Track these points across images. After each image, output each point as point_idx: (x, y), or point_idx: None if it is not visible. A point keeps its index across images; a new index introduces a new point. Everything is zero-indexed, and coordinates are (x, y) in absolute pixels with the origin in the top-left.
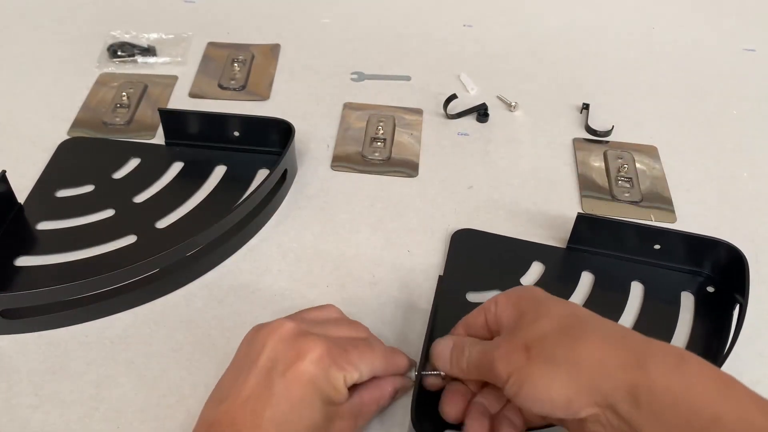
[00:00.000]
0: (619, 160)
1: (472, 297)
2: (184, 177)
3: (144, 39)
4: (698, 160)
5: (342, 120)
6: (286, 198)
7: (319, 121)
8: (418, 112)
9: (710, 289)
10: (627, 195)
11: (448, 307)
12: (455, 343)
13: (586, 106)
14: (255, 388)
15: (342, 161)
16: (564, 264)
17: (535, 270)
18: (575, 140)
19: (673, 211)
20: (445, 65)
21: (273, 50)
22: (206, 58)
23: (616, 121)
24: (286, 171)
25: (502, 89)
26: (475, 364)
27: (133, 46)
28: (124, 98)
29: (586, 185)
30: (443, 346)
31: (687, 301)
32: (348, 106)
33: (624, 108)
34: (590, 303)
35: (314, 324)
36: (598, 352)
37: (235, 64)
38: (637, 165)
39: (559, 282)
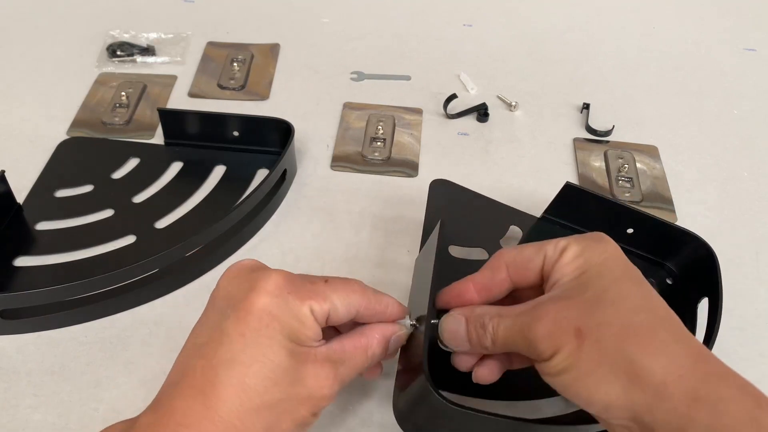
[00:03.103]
0: (620, 160)
1: (455, 251)
2: (183, 177)
3: (143, 38)
4: (699, 160)
5: (342, 120)
6: (286, 198)
7: (319, 121)
8: (418, 111)
9: (669, 281)
10: (627, 195)
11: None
12: (470, 318)
13: (586, 106)
14: (208, 332)
15: (342, 161)
16: (539, 233)
17: (513, 235)
18: (575, 140)
19: (673, 211)
20: (445, 65)
21: (272, 50)
22: (205, 58)
23: (616, 121)
24: (285, 171)
25: (502, 89)
26: (505, 340)
27: (133, 45)
28: (124, 98)
29: (587, 185)
30: (455, 324)
31: None
32: (348, 106)
33: (624, 108)
34: None
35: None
36: (662, 370)
37: (235, 64)
38: (638, 165)
39: None
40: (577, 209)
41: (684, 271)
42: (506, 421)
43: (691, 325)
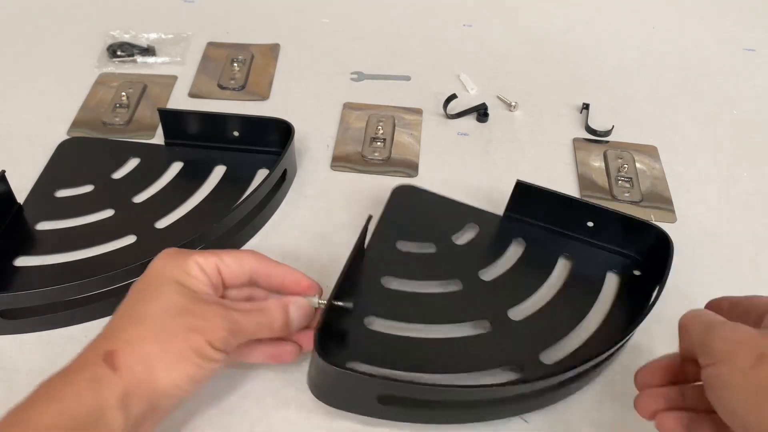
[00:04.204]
0: (619, 160)
1: (401, 245)
2: (183, 177)
3: (143, 39)
4: (698, 160)
5: (342, 120)
6: (286, 198)
7: (319, 121)
8: (418, 112)
9: (636, 272)
10: (627, 195)
11: (375, 251)
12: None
13: (586, 106)
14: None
15: (342, 161)
16: (499, 230)
17: (469, 232)
18: (575, 140)
19: (673, 211)
20: (445, 65)
21: (273, 50)
22: (206, 58)
23: (616, 121)
24: (285, 171)
25: (502, 89)
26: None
27: (133, 45)
28: (124, 98)
29: (586, 185)
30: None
31: (611, 282)
32: (348, 106)
33: (624, 108)
34: (515, 271)
35: None
36: None
37: (235, 64)
38: (637, 165)
39: (491, 246)
40: (535, 206)
41: (650, 260)
42: (383, 382)
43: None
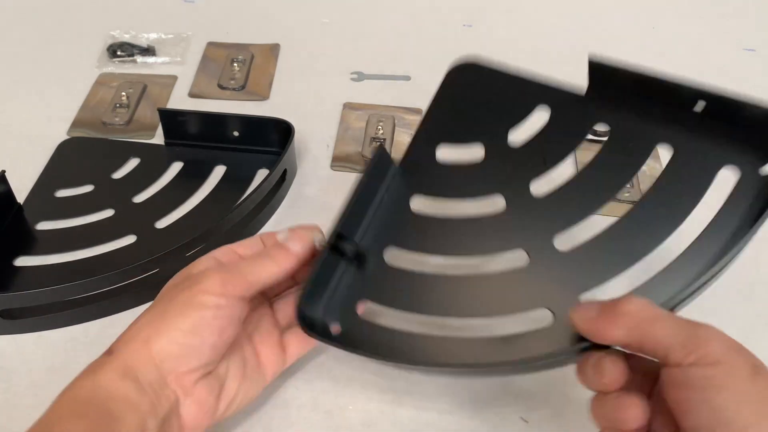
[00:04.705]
0: None
1: (444, 153)
2: (183, 177)
3: (143, 39)
4: None
5: (342, 120)
6: (286, 198)
7: (319, 121)
8: (418, 112)
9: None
10: (627, 195)
11: (415, 169)
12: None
13: None
14: None
15: (342, 161)
16: (571, 115)
17: (534, 120)
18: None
19: None
20: (445, 65)
21: (273, 50)
22: (206, 58)
23: None
24: (285, 171)
25: None
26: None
27: (133, 46)
28: (124, 98)
29: None
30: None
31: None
32: (348, 106)
33: None
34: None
35: None
36: None
37: (235, 64)
38: None
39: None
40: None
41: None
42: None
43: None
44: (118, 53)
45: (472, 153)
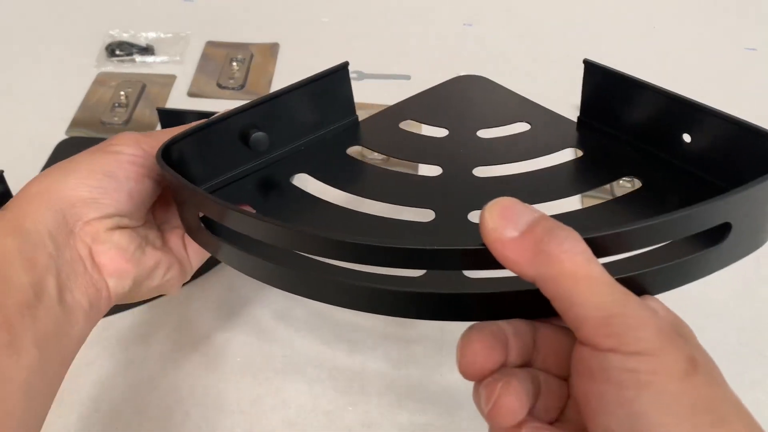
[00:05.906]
0: None
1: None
2: None
3: (142, 38)
4: None
5: None
6: None
7: None
8: None
9: None
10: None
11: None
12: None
13: None
14: None
15: None
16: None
17: (509, 129)
18: None
19: None
20: (445, 65)
21: (272, 49)
22: (205, 58)
23: None
24: None
25: None
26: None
27: (132, 45)
28: (123, 98)
29: None
30: None
31: None
32: None
33: None
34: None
35: None
36: None
37: (234, 64)
38: None
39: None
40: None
41: None
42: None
43: None
44: (117, 52)
45: (437, 132)
